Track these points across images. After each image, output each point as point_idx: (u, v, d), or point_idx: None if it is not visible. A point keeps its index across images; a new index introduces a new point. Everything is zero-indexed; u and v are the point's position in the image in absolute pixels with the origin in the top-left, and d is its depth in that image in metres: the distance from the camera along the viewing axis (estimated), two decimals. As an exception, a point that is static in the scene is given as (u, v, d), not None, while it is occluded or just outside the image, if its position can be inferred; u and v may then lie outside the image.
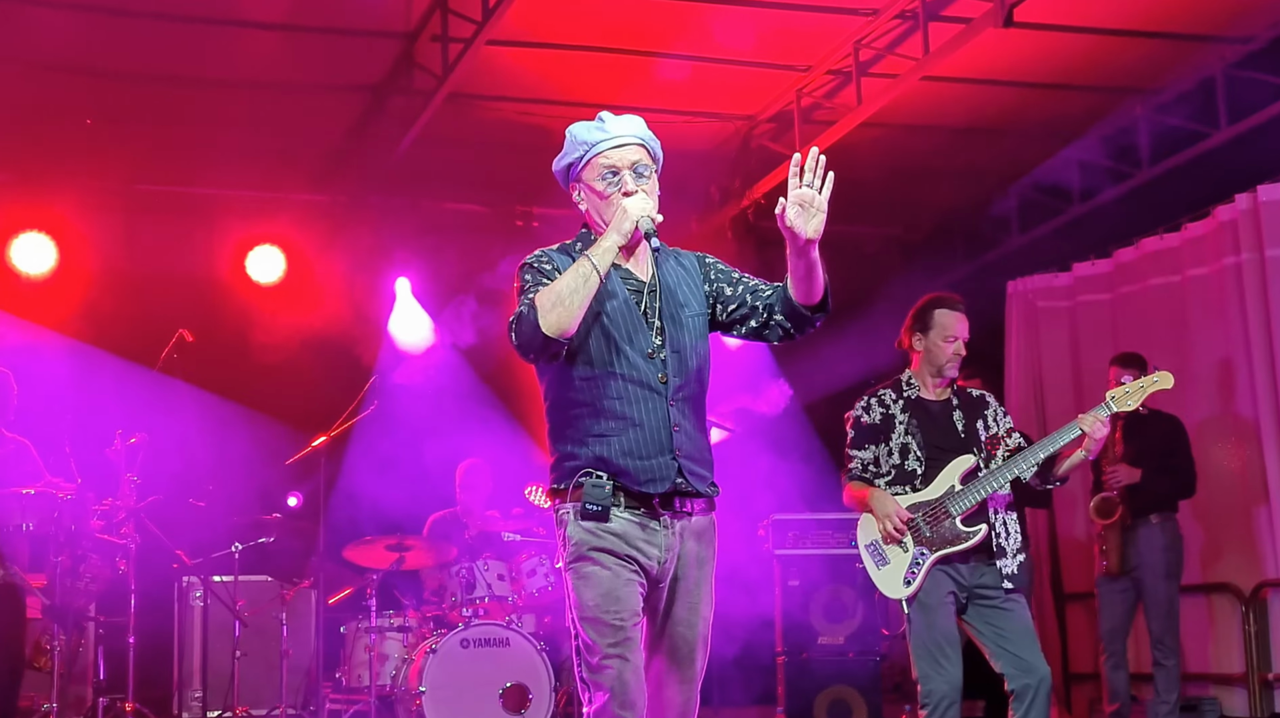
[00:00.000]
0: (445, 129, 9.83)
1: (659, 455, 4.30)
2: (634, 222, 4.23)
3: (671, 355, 4.35)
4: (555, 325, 4.15)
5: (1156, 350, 9.37)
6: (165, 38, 8.87)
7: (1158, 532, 8.77)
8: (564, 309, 4.15)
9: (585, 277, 4.16)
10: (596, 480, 4.27)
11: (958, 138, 10.56)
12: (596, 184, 4.36)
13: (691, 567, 4.39)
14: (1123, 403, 6.37)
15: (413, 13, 8.82)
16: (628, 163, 4.34)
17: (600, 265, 4.19)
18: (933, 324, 6.54)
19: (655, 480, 4.29)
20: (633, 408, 4.29)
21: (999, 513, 6.41)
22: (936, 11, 8.66)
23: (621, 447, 4.28)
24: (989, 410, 6.59)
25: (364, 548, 9.10)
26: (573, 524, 4.31)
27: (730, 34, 8.96)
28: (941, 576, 6.35)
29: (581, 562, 4.30)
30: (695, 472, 4.36)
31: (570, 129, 4.42)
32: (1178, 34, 9.07)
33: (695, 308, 4.46)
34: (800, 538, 9.69)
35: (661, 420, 4.30)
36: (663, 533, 4.33)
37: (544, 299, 4.17)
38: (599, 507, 4.26)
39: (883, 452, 6.52)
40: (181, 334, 8.93)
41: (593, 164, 4.36)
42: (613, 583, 4.26)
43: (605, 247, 4.22)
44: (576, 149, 4.39)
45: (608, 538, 4.28)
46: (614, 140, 4.35)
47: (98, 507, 8.24)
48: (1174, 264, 10.10)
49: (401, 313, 11.24)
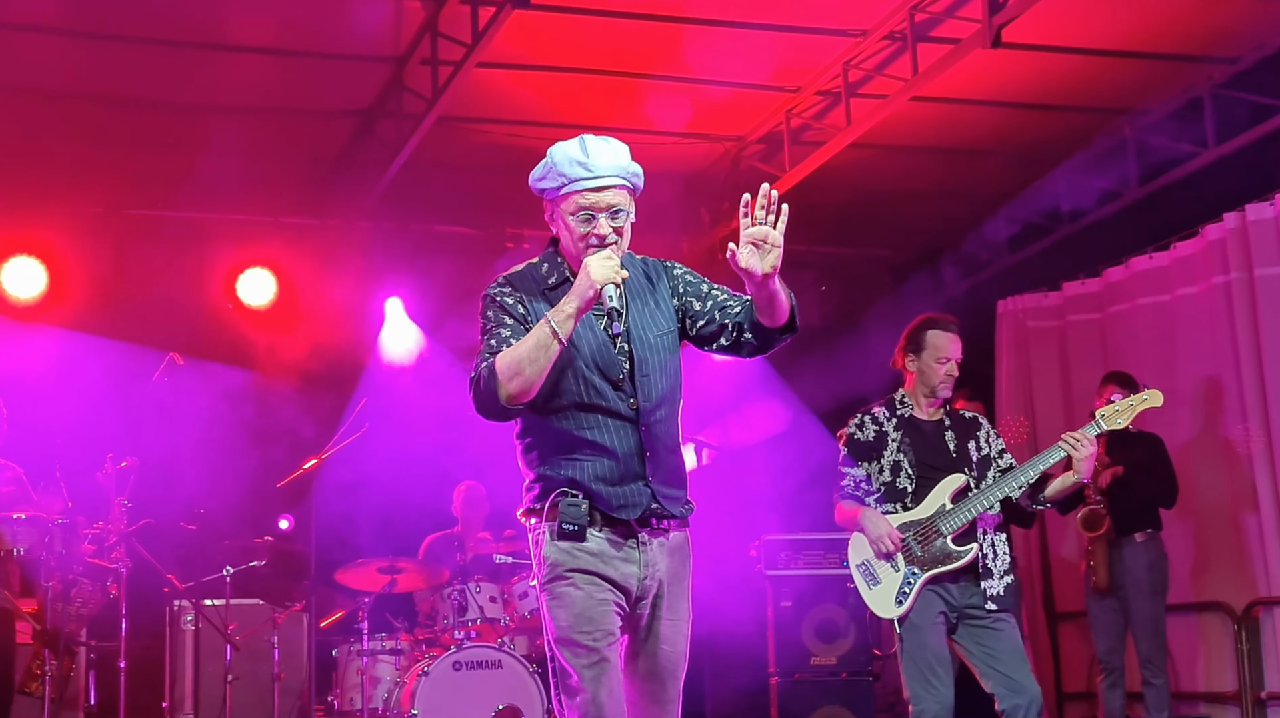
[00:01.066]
0: (435, 152, 9.85)
1: (632, 482, 4.28)
2: (596, 289, 4.13)
3: (641, 380, 4.31)
4: (515, 392, 4.14)
5: (1146, 369, 9.39)
6: (155, 62, 8.89)
7: (1142, 550, 8.79)
8: (523, 378, 4.12)
9: (545, 346, 4.12)
10: (573, 500, 4.25)
11: (947, 158, 10.60)
12: (569, 220, 4.27)
13: (670, 582, 4.37)
14: (1112, 421, 6.40)
15: (402, 36, 8.85)
16: (604, 205, 4.24)
17: (562, 330, 4.12)
18: (925, 345, 6.57)
19: (628, 507, 4.28)
20: (604, 436, 4.27)
21: (988, 533, 6.43)
22: (925, 32, 8.69)
23: (594, 472, 4.26)
24: (981, 432, 6.63)
25: (356, 571, 9.11)
26: (548, 545, 4.28)
27: (718, 56, 8.99)
28: (932, 596, 6.38)
29: (556, 582, 4.27)
30: (669, 495, 4.35)
31: (551, 152, 4.29)
32: (1165, 54, 9.12)
33: (664, 325, 4.41)
34: (792, 558, 9.69)
35: (633, 448, 4.28)
36: (640, 550, 4.31)
37: (503, 366, 4.15)
38: (575, 526, 4.24)
39: (874, 469, 6.56)
40: (172, 358, 8.92)
41: (569, 199, 4.26)
42: (586, 604, 4.23)
43: (568, 312, 4.14)
44: (554, 179, 4.28)
45: (583, 558, 4.25)
46: (593, 181, 4.23)
47: (89, 531, 8.23)
48: (1163, 283, 10.12)
49: (392, 329, 11.24)
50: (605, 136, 4.33)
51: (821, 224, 11.20)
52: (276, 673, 9.08)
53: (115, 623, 8.36)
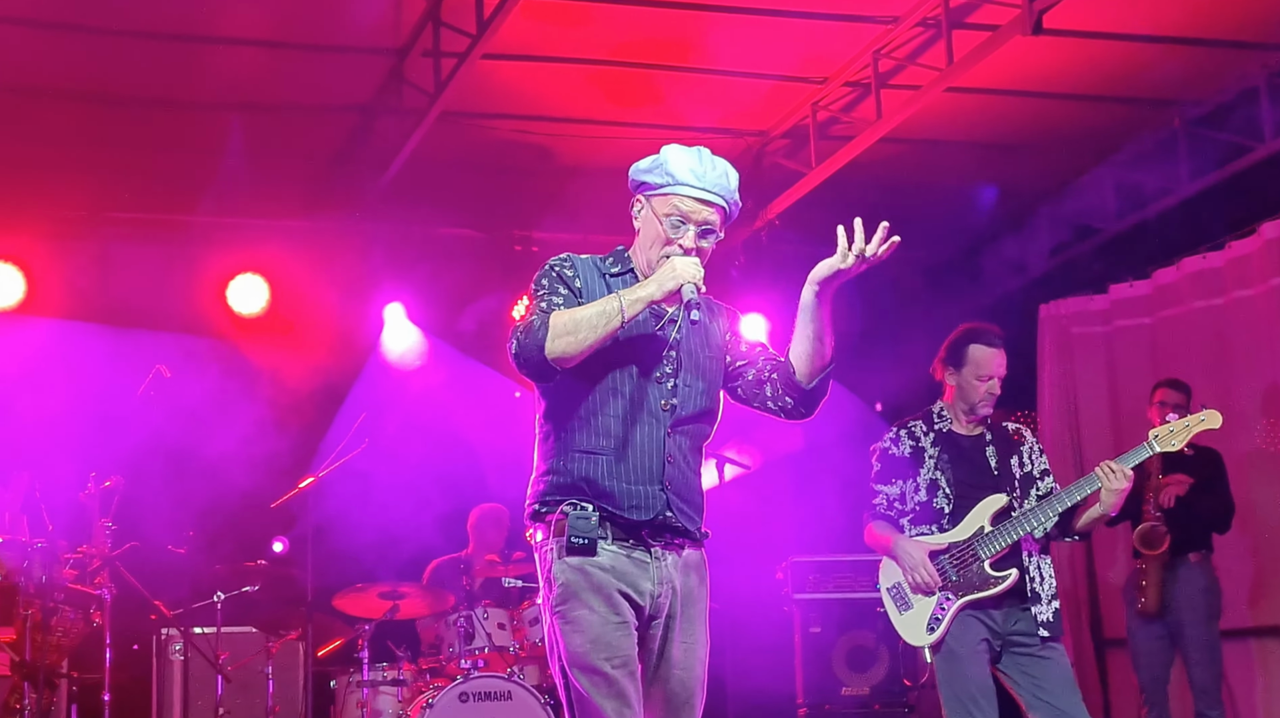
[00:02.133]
0: (438, 149, 9.82)
1: (648, 483, 4.30)
2: (678, 283, 4.26)
3: (682, 386, 4.38)
4: (560, 352, 4.19)
5: (1199, 378, 9.32)
6: (138, 56, 8.87)
7: (1198, 572, 8.70)
8: (574, 339, 4.19)
9: (609, 316, 4.20)
10: (581, 511, 4.25)
11: (984, 153, 10.55)
12: (662, 219, 4.40)
13: (687, 603, 4.37)
14: (1166, 443, 6.31)
15: (402, 27, 8.82)
16: (699, 219, 4.41)
17: (629, 311, 4.22)
18: (966, 360, 6.51)
19: (640, 508, 4.29)
20: (628, 429, 4.30)
21: (1032, 557, 6.38)
22: (961, 19, 8.65)
23: (608, 467, 4.29)
24: (1024, 447, 6.56)
25: (355, 596, 9.08)
26: (557, 563, 4.28)
27: (740, 45, 8.96)
28: (972, 621, 6.31)
29: (568, 604, 4.26)
30: (684, 510, 4.36)
31: (667, 150, 4.44)
32: (1218, 41, 9.06)
33: (714, 350, 4.52)
34: (821, 581, 9.66)
35: (656, 447, 4.32)
36: (654, 565, 4.31)
37: (559, 322, 4.22)
38: (585, 539, 4.24)
39: (909, 487, 6.50)
40: (159, 370, 8.91)
41: (666, 199, 4.41)
42: (603, 628, 4.23)
43: (640, 295, 4.25)
44: (660, 176, 4.42)
45: (596, 575, 4.24)
46: (699, 193, 4.40)
47: (70, 555, 8.23)
48: (1217, 285, 10.08)
49: (394, 334, 11.20)
50: (720, 158, 4.47)
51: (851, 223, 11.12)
52: (271, 706, 9.07)
53: (99, 653, 8.36)
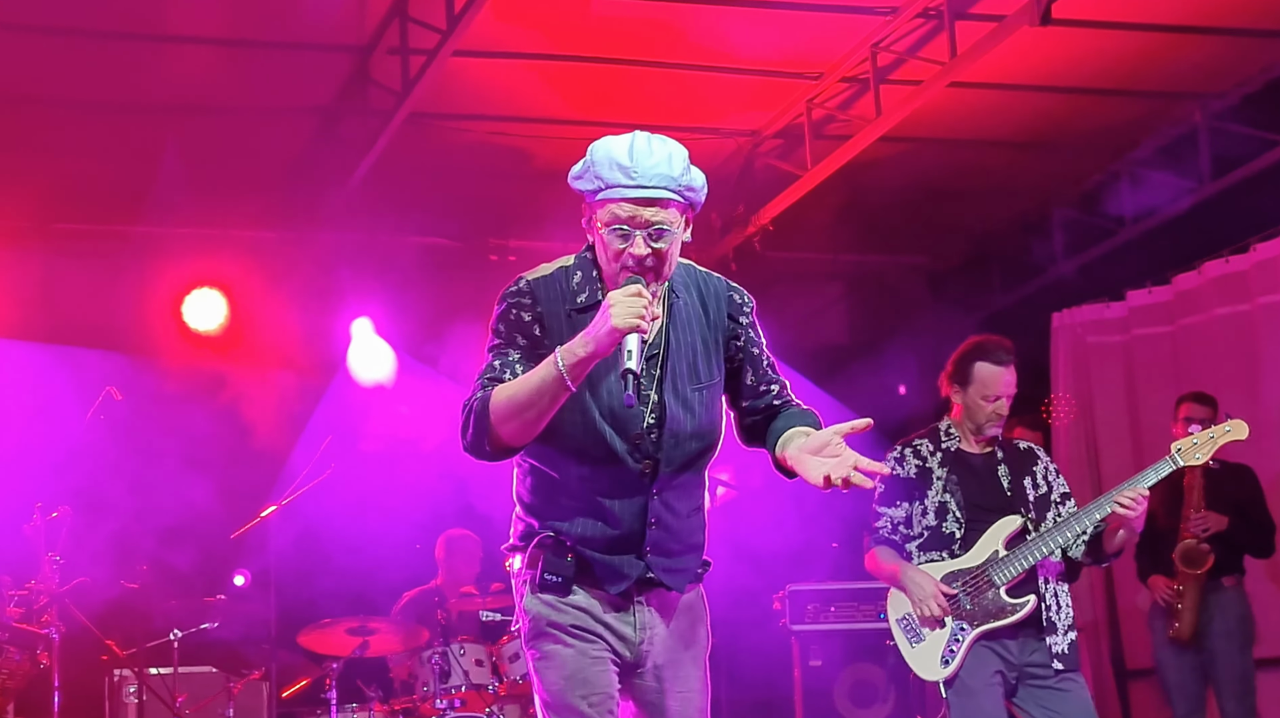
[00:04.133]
0: (406, 153, 9.86)
1: (623, 553, 4.17)
2: (615, 336, 3.89)
3: (667, 438, 4.14)
4: (509, 440, 4.02)
5: (1224, 389, 9.37)
6: (86, 56, 8.89)
7: (1233, 597, 8.76)
8: (519, 423, 3.98)
9: (550, 391, 3.93)
10: (559, 547, 4.17)
11: (991, 152, 10.60)
12: (603, 231, 4.05)
13: (677, 648, 4.29)
14: (1189, 456, 6.36)
15: (367, 22, 8.85)
16: (643, 221, 4.00)
17: (571, 378, 3.91)
18: (972, 379, 6.54)
19: (613, 580, 4.18)
20: (603, 500, 4.14)
21: (1049, 583, 6.41)
22: (964, 9, 8.70)
23: (584, 532, 4.16)
24: (1038, 466, 6.61)
25: (322, 633, 9.08)
26: (529, 597, 4.22)
27: (729, 39, 8.99)
28: (986, 652, 6.35)
29: (541, 639, 4.20)
30: (669, 567, 4.23)
31: (593, 148, 4.08)
32: (1241, 30, 9.11)
33: (706, 375, 4.24)
34: (821, 611, 9.69)
35: (635, 515, 4.15)
36: (636, 610, 4.24)
37: (498, 404, 3.98)
38: (558, 578, 4.16)
39: (916, 510, 6.53)
40: (109, 392, 8.91)
41: (604, 208, 4.03)
42: (579, 663, 4.16)
43: (581, 356, 3.90)
44: (590, 181, 4.06)
45: (570, 612, 4.18)
46: (634, 191, 3.99)
47: (15, 592, 8.22)
48: (1242, 290, 10.12)
49: (361, 350, 11.21)
50: (662, 136, 4.09)
51: (849, 229, 11.20)
52: (232, 752, 9.06)
53: (47, 696, 8.34)
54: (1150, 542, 8.77)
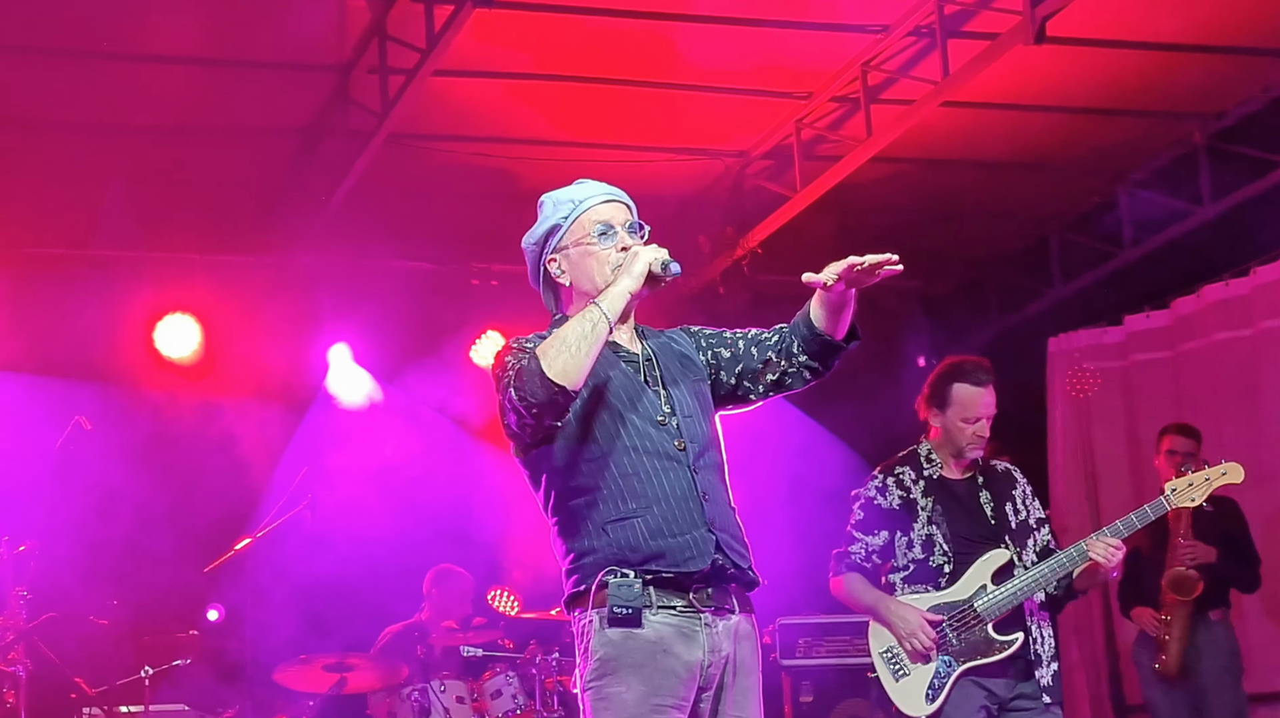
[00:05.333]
0: (387, 175, 9.86)
1: (692, 530, 4.31)
2: (646, 263, 4.32)
3: (685, 420, 4.43)
4: (563, 372, 4.19)
5: (1224, 416, 9.40)
6: (58, 76, 8.89)
7: (1220, 631, 8.77)
8: (571, 356, 4.20)
9: (593, 323, 4.23)
10: (622, 579, 4.26)
11: (986, 173, 10.62)
12: (588, 241, 4.46)
13: (740, 674, 4.39)
14: (1184, 498, 6.46)
15: (346, 41, 8.85)
16: (620, 220, 4.49)
17: (610, 311, 4.26)
18: (951, 401, 6.57)
19: (693, 558, 4.29)
20: (652, 482, 4.33)
21: (1034, 617, 6.46)
22: (956, 27, 8.71)
23: (648, 527, 4.29)
24: (1017, 490, 6.66)
25: (298, 669, 9.06)
26: (597, 636, 4.29)
27: (717, 58, 9.00)
28: (972, 688, 6.38)
29: (604, 680, 4.27)
30: (734, 548, 4.39)
31: (546, 197, 4.58)
32: (1241, 48, 9.14)
33: (697, 373, 4.58)
34: (812, 646, 9.68)
35: (687, 490, 4.34)
36: (704, 633, 4.32)
37: (548, 347, 4.22)
38: (628, 609, 4.24)
39: (901, 543, 6.54)
40: (78, 422, 8.89)
41: (581, 221, 4.48)
42: (638, 708, 4.23)
43: (616, 292, 4.30)
44: (560, 208, 4.51)
45: (639, 649, 4.25)
46: (602, 196, 4.52)
47: (-19, 628, 8.19)
48: (1244, 315, 10.14)
49: (339, 377, 11.19)
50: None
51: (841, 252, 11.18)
52: (206, 793, 9.03)
53: (14, 737, 8.31)
54: (1134, 574, 8.78)
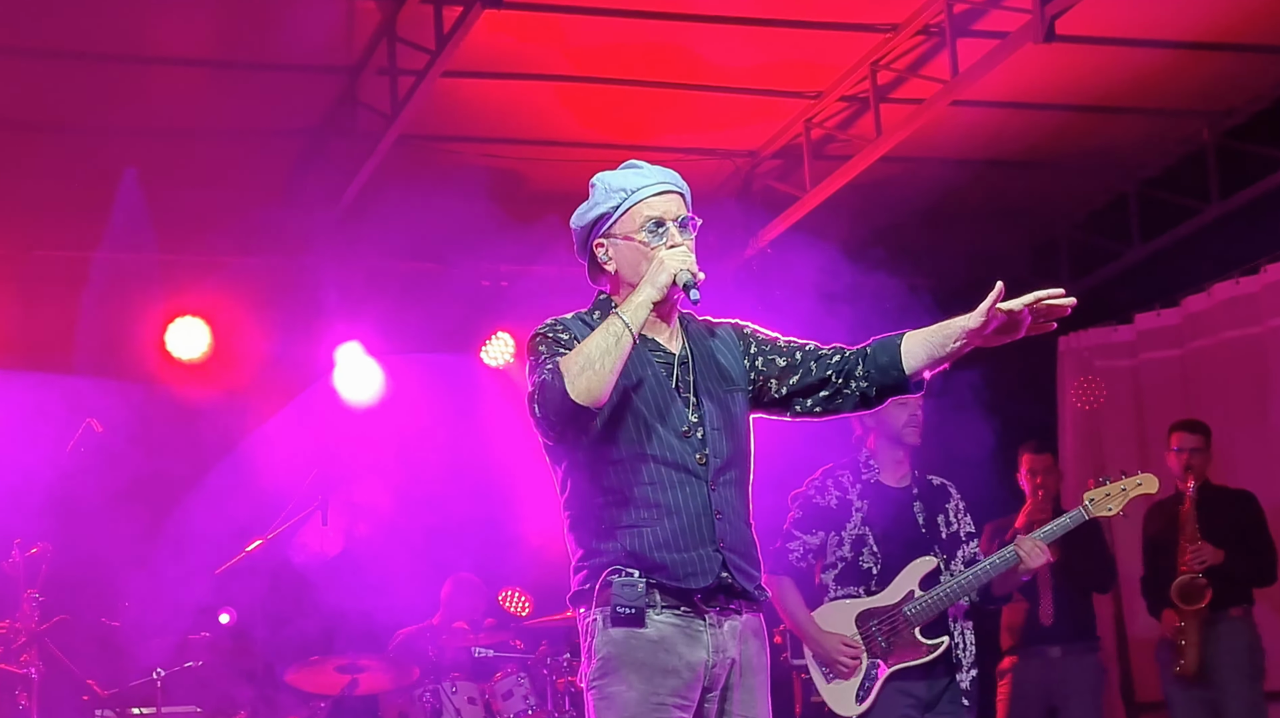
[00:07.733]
0: (396, 176, 9.85)
1: (699, 547, 4.32)
2: (671, 274, 4.32)
3: (711, 433, 4.41)
4: (585, 392, 4.19)
5: (1235, 414, 9.38)
6: (68, 79, 8.90)
7: (1240, 628, 8.75)
8: (594, 374, 4.20)
9: (617, 336, 4.22)
10: (627, 578, 4.28)
11: (995, 172, 10.62)
12: (638, 236, 4.45)
13: (746, 673, 4.40)
14: (1101, 508, 6.78)
15: (355, 42, 8.86)
16: (673, 215, 4.47)
17: (633, 323, 4.26)
18: None
19: (695, 575, 4.30)
20: (667, 494, 4.33)
21: (957, 622, 6.71)
22: (966, 26, 8.71)
23: (655, 538, 4.30)
24: (950, 503, 6.87)
25: (310, 671, 9.08)
26: (600, 634, 4.31)
27: (727, 58, 9.02)
28: (897, 691, 6.57)
29: (606, 679, 4.30)
30: (742, 568, 4.39)
31: (599, 177, 4.53)
32: (1251, 45, 9.15)
33: (735, 382, 4.55)
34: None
35: (701, 507, 4.34)
36: (709, 633, 4.33)
37: (570, 363, 4.22)
38: (631, 609, 4.26)
39: (833, 541, 6.70)
40: (89, 424, 8.90)
41: (632, 213, 4.46)
42: (640, 708, 4.24)
43: (638, 302, 4.30)
44: (612, 197, 4.47)
45: (642, 648, 4.26)
46: (657, 186, 4.48)
47: (-7, 631, 8.21)
48: (1253, 313, 10.12)
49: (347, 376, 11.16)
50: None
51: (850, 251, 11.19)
52: (217, 795, 9.04)
53: (26, 739, 8.32)
54: (1154, 576, 8.82)
